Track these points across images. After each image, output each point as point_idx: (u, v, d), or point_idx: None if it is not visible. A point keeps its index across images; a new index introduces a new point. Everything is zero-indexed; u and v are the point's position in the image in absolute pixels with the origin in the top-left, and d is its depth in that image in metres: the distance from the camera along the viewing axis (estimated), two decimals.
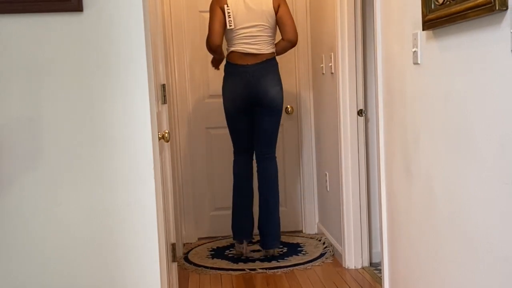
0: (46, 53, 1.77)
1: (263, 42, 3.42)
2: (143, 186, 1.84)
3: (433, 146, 1.82)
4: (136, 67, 1.80)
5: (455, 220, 1.69)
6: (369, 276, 3.17)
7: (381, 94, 2.35)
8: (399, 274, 2.27)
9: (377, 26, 2.33)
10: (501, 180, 1.38)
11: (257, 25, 3.39)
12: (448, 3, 1.59)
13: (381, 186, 2.40)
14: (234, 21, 3.41)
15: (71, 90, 1.79)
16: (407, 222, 2.13)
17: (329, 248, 3.64)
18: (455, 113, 1.64)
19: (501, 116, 1.37)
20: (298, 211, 4.21)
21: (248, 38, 3.41)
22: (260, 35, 3.40)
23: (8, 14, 1.74)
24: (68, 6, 1.75)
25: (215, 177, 4.13)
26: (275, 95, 3.46)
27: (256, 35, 3.40)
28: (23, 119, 1.78)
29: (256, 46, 3.41)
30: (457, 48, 1.61)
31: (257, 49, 3.42)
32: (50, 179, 1.80)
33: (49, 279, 1.83)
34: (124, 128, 1.82)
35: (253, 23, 3.39)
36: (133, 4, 1.78)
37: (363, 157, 3.28)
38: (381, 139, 2.38)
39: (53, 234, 1.82)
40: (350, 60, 3.19)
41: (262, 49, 3.42)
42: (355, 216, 3.27)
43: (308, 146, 4.13)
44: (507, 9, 1.30)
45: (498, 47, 1.36)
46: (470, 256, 1.60)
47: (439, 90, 1.75)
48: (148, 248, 1.86)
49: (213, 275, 3.31)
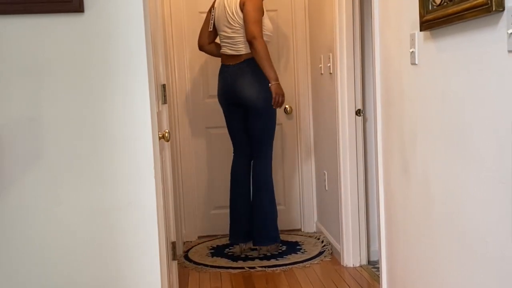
0: (47, 54, 1.78)
1: (240, 42, 3.44)
2: (144, 185, 1.85)
3: (431, 146, 1.83)
4: (137, 68, 1.81)
5: (452, 219, 1.69)
6: (367, 274, 3.19)
7: (379, 94, 2.36)
8: (397, 272, 2.28)
9: (375, 26, 2.33)
10: (498, 180, 1.38)
11: (230, 26, 3.43)
12: (445, 4, 1.59)
13: (379, 185, 2.40)
14: (216, 23, 3.50)
15: (72, 90, 1.79)
16: (404, 221, 2.13)
17: (328, 247, 3.66)
18: (452, 113, 1.64)
19: (498, 116, 1.37)
20: (297, 209, 4.23)
21: (226, 39, 3.48)
22: (235, 36, 3.43)
23: (9, 15, 1.75)
24: (69, 7, 1.76)
25: (215, 176, 4.14)
26: (252, 95, 3.44)
27: (232, 36, 3.44)
28: (24, 119, 1.78)
29: (235, 47, 3.46)
30: (454, 49, 1.61)
31: (236, 50, 3.45)
32: (50, 179, 1.81)
33: (50, 277, 1.84)
34: (125, 127, 1.83)
35: (227, 24, 3.44)
36: (134, 5, 1.80)
37: (361, 157, 3.29)
38: (379, 138, 2.38)
39: (54, 233, 1.83)
40: (348, 61, 3.20)
41: (240, 49, 3.44)
42: (353, 214, 3.29)
43: (307, 146, 4.14)
44: (503, 10, 1.30)
45: (495, 48, 1.36)
46: (467, 255, 1.60)
47: (436, 90, 1.76)
48: (148, 247, 1.87)
49: (213, 273, 3.33)
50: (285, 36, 4.08)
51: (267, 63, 3.35)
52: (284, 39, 4.08)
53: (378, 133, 2.39)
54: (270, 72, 3.36)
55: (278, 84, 3.39)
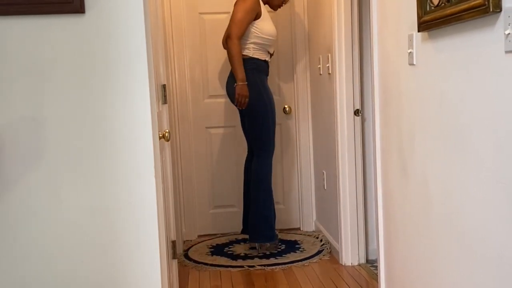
0: (48, 54, 1.79)
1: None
2: (144, 185, 1.85)
3: (429, 146, 1.83)
4: (137, 68, 1.82)
5: (451, 219, 1.69)
6: (365, 272, 3.20)
7: (377, 94, 2.36)
8: (395, 271, 2.28)
9: (373, 27, 2.34)
10: (497, 180, 1.39)
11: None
12: (443, 5, 1.60)
13: (377, 184, 2.41)
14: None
15: (73, 90, 1.80)
16: (403, 221, 2.14)
17: (326, 245, 3.68)
18: (450, 113, 1.65)
19: (496, 116, 1.38)
20: (296, 209, 4.24)
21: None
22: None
23: (11, 15, 1.76)
24: (70, 8, 1.77)
25: (214, 176, 4.16)
26: (232, 95, 3.52)
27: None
28: (26, 119, 1.79)
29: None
30: (452, 49, 1.62)
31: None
32: (52, 178, 1.82)
33: (51, 275, 1.85)
34: (125, 127, 1.83)
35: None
36: (134, 6, 1.80)
37: (359, 156, 3.31)
38: (377, 138, 2.39)
39: (55, 231, 1.84)
40: (347, 61, 3.21)
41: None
42: (351, 214, 3.31)
43: (306, 145, 4.16)
44: (500, 11, 1.31)
45: (492, 48, 1.36)
46: (466, 255, 1.60)
47: (434, 90, 1.76)
48: (149, 245, 1.87)
49: (213, 272, 3.34)
50: (284, 37, 4.10)
51: (237, 63, 3.43)
52: (283, 40, 4.09)
53: (376, 133, 2.39)
54: (238, 72, 3.43)
55: (243, 85, 3.44)
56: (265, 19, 3.50)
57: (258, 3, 3.48)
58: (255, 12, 3.46)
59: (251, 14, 3.44)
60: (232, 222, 4.12)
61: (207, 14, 3.90)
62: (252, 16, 3.45)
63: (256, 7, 3.46)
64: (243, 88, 3.43)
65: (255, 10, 3.45)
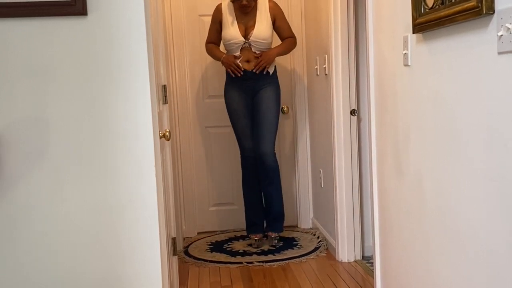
0: (51, 55, 1.80)
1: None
2: (145, 183, 1.87)
3: (423, 145, 1.84)
4: (138, 69, 1.83)
5: (444, 216, 1.70)
6: (361, 269, 3.23)
7: (373, 94, 2.37)
8: (390, 267, 2.30)
9: (369, 29, 2.35)
10: (489, 178, 1.40)
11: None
12: (437, 7, 1.61)
13: (373, 183, 2.41)
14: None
15: (76, 91, 1.81)
16: (398, 218, 2.15)
17: (323, 242, 3.71)
18: (444, 113, 1.66)
19: (489, 115, 1.39)
20: (294, 206, 4.27)
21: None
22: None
23: (15, 18, 1.78)
24: (73, 10, 1.78)
25: (214, 174, 4.19)
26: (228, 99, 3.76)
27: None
28: (30, 119, 1.80)
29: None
30: (446, 50, 1.63)
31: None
32: (54, 177, 1.83)
33: (54, 272, 1.87)
34: (127, 127, 1.85)
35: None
36: (135, 8, 1.82)
37: (355, 155, 3.33)
38: (373, 138, 2.40)
39: (58, 229, 1.85)
40: (343, 62, 3.24)
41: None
42: (348, 211, 3.33)
43: (303, 144, 4.19)
44: (493, 13, 1.32)
45: (486, 49, 1.37)
46: (458, 250, 1.62)
47: (428, 90, 1.77)
48: (149, 242, 1.89)
49: (212, 268, 3.36)
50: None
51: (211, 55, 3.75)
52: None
53: (372, 132, 2.40)
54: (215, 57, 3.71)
55: (225, 57, 3.61)
56: (228, 26, 3.59)
57: (217, 11, 3.64)
58: (215, 20, 3.65)
59: (213, 23, 3.67)
60: (231, 219, 4.16)
61: (206, 16, 3.94)
62: (215, 26, 3.66)
63: (215, 16, 3.65)
64: (227, 58, 3.59)
65: (215, 19, 3.65)
